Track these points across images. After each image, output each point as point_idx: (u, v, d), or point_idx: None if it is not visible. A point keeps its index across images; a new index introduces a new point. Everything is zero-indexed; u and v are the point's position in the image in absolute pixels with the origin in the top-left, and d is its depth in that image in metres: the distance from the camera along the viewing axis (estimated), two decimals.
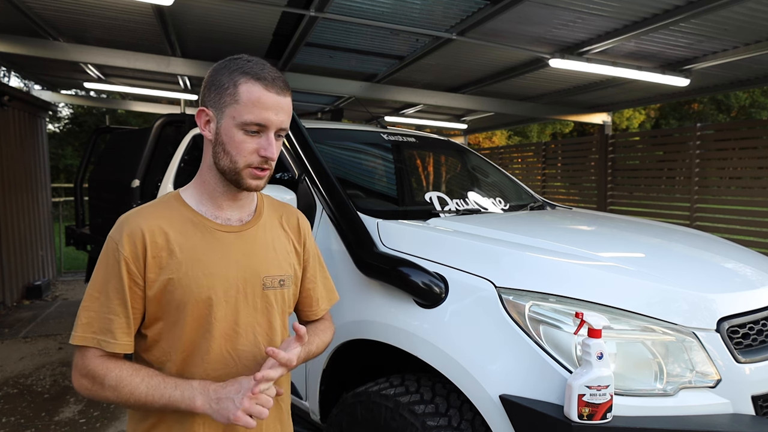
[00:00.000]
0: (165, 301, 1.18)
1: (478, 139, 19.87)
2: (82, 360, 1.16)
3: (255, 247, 1.28)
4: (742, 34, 4.34)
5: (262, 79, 1.18)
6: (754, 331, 1.72)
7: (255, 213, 1.33)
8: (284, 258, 1.33)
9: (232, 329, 1.23)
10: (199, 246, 1.21)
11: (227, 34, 4.96)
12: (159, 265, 1.17)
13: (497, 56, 5.43)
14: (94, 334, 1.15)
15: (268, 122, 1.17)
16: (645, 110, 20.52)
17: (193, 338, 1.20)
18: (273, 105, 1.18)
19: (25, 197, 7.10)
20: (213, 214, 1.26)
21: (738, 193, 5.97)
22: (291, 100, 1.24)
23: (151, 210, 1.23)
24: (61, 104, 16.04)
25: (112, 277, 1.16)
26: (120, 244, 1.16)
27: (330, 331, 1.48)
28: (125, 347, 1.17)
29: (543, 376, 1.53)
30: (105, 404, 3.80)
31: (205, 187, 1.27)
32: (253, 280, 1.25)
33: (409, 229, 2.14)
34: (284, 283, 1.31)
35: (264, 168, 1.21)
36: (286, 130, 1.24)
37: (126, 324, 1.17)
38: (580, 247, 1.99)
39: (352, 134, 3.18)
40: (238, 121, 1.17)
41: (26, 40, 5.00)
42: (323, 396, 2.21)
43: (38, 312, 6.31)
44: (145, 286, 1.17)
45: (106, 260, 1.18)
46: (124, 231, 1.17)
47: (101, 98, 11.29)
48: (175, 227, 1.21)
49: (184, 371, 1.21)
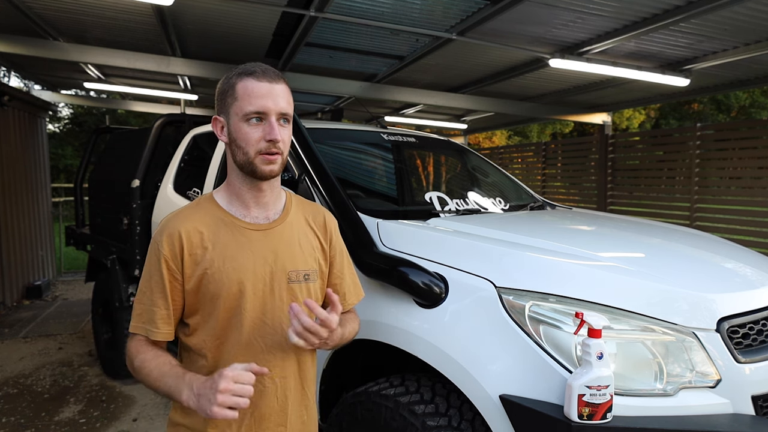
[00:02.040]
0: (201, 294, 1.31)
1: (478, 139, 19.87)
2: (130, 344, 1.33)
3: (281, 243, 1.37)
4: (742, 34, 4.34)
5: (253, 73, 1.29)
6: (754, 331, 1.72)
7: (282, 212, 1.43)
8: (309, 254, 1.42)
9: (260, 320, 1.33)
10: (230, 243, 1.32)
11: (227, 34, 4.96)
12: (195, 261, 1.30)
13: (497, 56, 5.43)
14: (143, 324, 1.31)
15: (265, 108, 1.27)
16: (645, 110, 20.53)
17: (225, 327, 1.32)
18: (267, 92, 1.28)
19: (25, 197, 7.10)
20: (242, 213, 1.37)
21: (738, 193, 5.97)
22: (287, 87, 1.34)
23: (188, 212, 1.36)
24: (61, 104, 16.04)
25: (154, 274, 1.31)
26: (161, 245, 1.30)
27: (357, 322, 1.55)
28: (166, 335, 1.31)
29: (543, 376, 1.53)
30: (105, 404, 3.80)
31: (232, 189, 1.38)
32: (279, 275, 1.35)
33: (409, 229, 2.14)
34: (309, 278, 1.41)
35: (273, 152, 1.29)
36: (288, 115, 1.33)
37: (166, 315, 1.31)
38: (580, 247, 1.99)
39: (352, 134, 3.18)
40: (240, 115, 1.29)
41: (26, 40, 5.00)
42: (323, 396, 2.21)
43: (38, 312, 6.31)
44: (184, 280, 1.31)
45: (150, 259, 1.32)
46: (165, 233, 1.31)
47: (101, 98, 11.29)
48: (209, 226, 1.33)
49: (219, 358, 1.32)
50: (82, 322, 5.86)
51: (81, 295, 7.24)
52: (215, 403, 1.11)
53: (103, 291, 4.45)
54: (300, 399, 1.42)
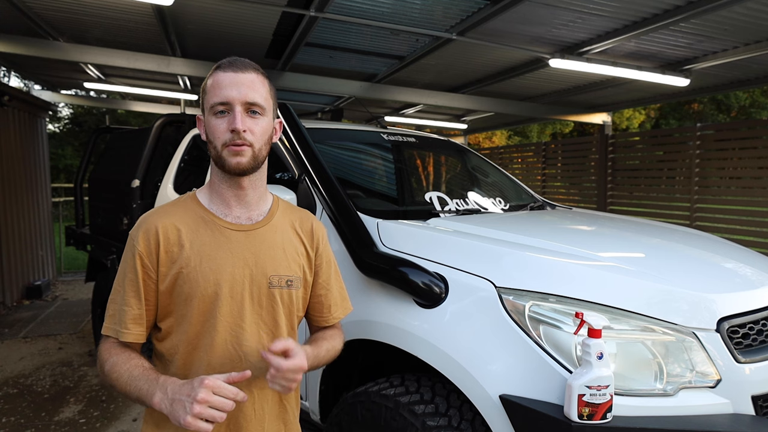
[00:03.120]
0: (175, 294, 1.25)
1: (478, 139, 19.87)
2: (101, 348, 1.26)
3: (263, 246, 1.32)
4: (742, 34, 4.34)
5: (221, 66, 1.27)
6: (754, 331, 1.72)
7: (267, 214, 1.37)
8: (293, 260, 1.36)
9: (237, 325, 1.27)
10: (208, 242, 1.27)
11: (227, 34, 4.96)
12: (171, 259, 1.25)
13: (497, 56, 5.43)
14: (114, 325, 1.25)
15: (228, 98, 1.23)
16: (645, 110, 20.52)
17: (198, 332, 1.26)
18: (230, 82, 1.24)
19: (25, 197, 7.10)
20: (223, 213, 1.32)
21: (738, 193, 5.97)
22: (259, 76, 1.28)
23: (167, 209, 1.32)
24: (61, 104, 16.05)
25: (128, 271, 1.25)
26: (136, 241, 1.25)
27: (339, 338, 1.47)
28: (136, 336, 1.25)
29: (543, 376, 1.53)
30: (105, 404, 3.80)
31: (213, 187, 1.34)
32: (260, 278, 1.30)
33: (409, 229, 2.14)
34: (292, 284, 1.35)
35: (238, 143, 1.23)
36: (259, 106, 1.26)
37: (138, 315, 1.25)
38: (580, 247, 1.99)
39: (352, 134, 3.18)
40: (208, 108, 1.26)
41: (26, 40, 5.00)
42: (323, 396, 2.21)
43: (38, 312, 6.31)
44: (158, 279, 1.25)
45: (125, 255, 1.28)
46: (141, 228, 1.27)
47: (101, 98, 11.29)
48: (188, 224, 1.28)
49: (190, 364, 1.26)
50: (82, 322, 5.86)
51: (81, 295, 7.24)
52: (190, 413, 1.05)
53: (103, 291, 4.44)
54: (277, 412, 1.36)
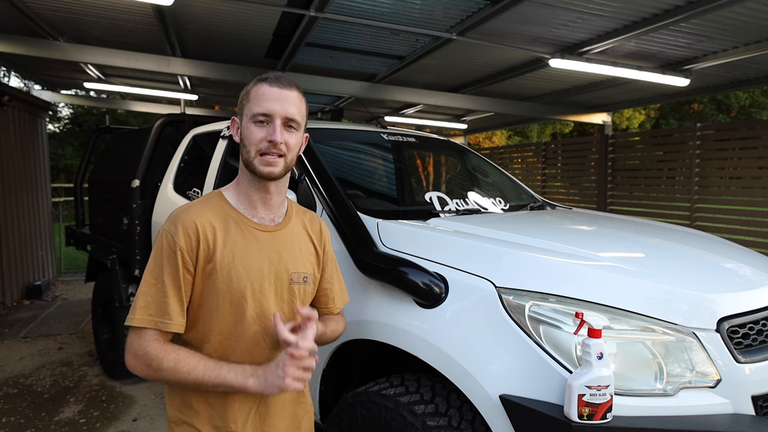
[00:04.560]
0: (208, 288, 1.34)
1: (478, 139, 19.87)
2: (139, 342, 1.29)
3: (285, 246, 1.45)
4: (742, 34, 4.34)
5: (267, 79, 1.38)
6: (754, 331, 1.72)
7: (285, 216, 1.50)
8: (307, 258, 1.50)
9: (264, 316, 1.39)
10: (240, 241, 1.38)
11: (227, 34, 4.96)
12: (207, 255, 1.34)
13: (497, 56, 5.43)
14: (151, 317, 1.29)
15: (271, 111, 1.34)
16: (645, 110, 20.53)
17: (230, 322, 1.36)
18: (275, 96, 1.35)
19: (25, 197, 7.10)
20: (250, 213, 1.43)
21: (738, 193, 5.97)
22: (299, 95, 1.40)
23: (199, 207, 1.39)
24: (61, 104, 16.05)
25: (167, 265, 1.31)
26: (176, 236, 1.32)
27: (342, 323, 1.65)
28: (179, 327, 1.32)
29: (543, 376, 1.53)
30: (105, 404, 3.80)
31: (241, 188, 1.44)
32: (283, 275, 1.43)
33: (409, 229, 2.14)
34: (307, 280, 1.49)
35: (273, 152, 1.34)
36: (296, 122, 1.38)
37: (180, 307, 1.32)
38: (580, 247, 1.99)
39: (353, 134, 3.18)
40: (249, 115, 1.37)
41: (26, 40, 5.00)
42: (323, 396, 2.21)
43: (38, 312, 6.31)
44: (195, 273, 1.34)
45: (161, 250, 1.32)
46: (179, 225, 1.33)
47: (101, 98, 11.29)
48: (220, 223, 1.38)
49: (221, 351, 1.37)
50: (82, 322, 5.86)
51: (81, 295, 7.24)
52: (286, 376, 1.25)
53: (103, 291, 4.45)
54: (296, 396, 1.51)
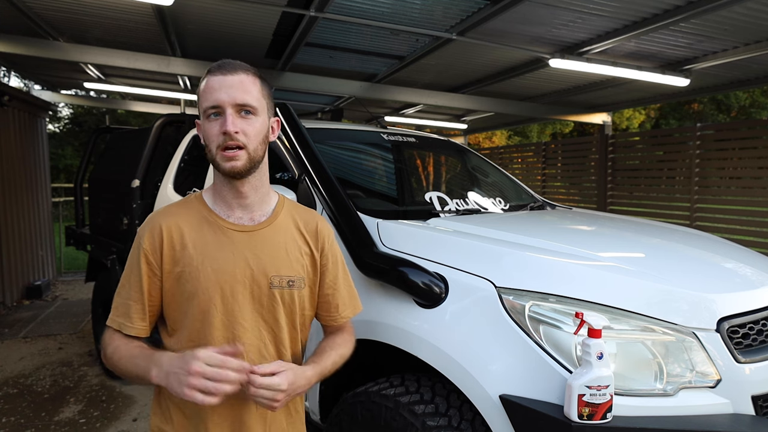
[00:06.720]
0: (178, 293, 1.29)
1: (478, 139, 19.86)
2: (104, 336, 1.31)
3: (265, 246, 1.33)
4: (742, 34, 4.34)
5: (211, 70, 1.28)
6: (754, 331, 1.72)
7: (271, 215, 1.38)
8: (296, 260, 1.37)
9: (237, 322, 1.29)
10: (211, 242, 1.30)
11: (227, 34, 4.96)
12: (174, 258, 1.29)
13: (497, 56, 5.43)
14: (117, 318, 1.30)
15: (219, 101, 1.24)
16: (645, 110, 20.52)
17: (199, 328, 1.29)
18: (220, 85, 1.25)
19: (25, 197, 7.10)
20: (226, 214, 1.35)
21: (738, 193, 5.97)
22: (250, 76, 1.28)
23: (173, 209, 1.35)
24: (61, 104, 16.05)
25: (134, 267, 1.30)
26: (142, 239, 1.30)
27: (350, 345, 1.47)
28: (139, 331, 1.29)
29: (543, 376, 1.53)
30: (105, 404, 3.80)
31: (215, 188, 1.37)
32: (260, 278, 1.31)
33: (409, 229, 2.14)
34: (294, 284, 1.35)
35: (231, 146, 1.24)
36: (250, 107, 1.26)
37: (142, 310, 1.29)
38: (580, 247, 1.99)
39: (353, 134, 3.18)
40: (202, 113, 1.28)
41: (26, 40, 5.00)
42: (323, 396, 2.21)
43: (38, 312, 6.30)
44: (162, 276, 1.29)
45: (132, 252, 1.32)
46: (147, 227, 1.31)
47: (101, 98, 11.29)
48: (191, 224, 1.32)
49: None
50: (82, 322, 5.86)
51: (81, 295, 7.24)
52: (186, 385, 1.08)
53: (103, 291, 4.44)
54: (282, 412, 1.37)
